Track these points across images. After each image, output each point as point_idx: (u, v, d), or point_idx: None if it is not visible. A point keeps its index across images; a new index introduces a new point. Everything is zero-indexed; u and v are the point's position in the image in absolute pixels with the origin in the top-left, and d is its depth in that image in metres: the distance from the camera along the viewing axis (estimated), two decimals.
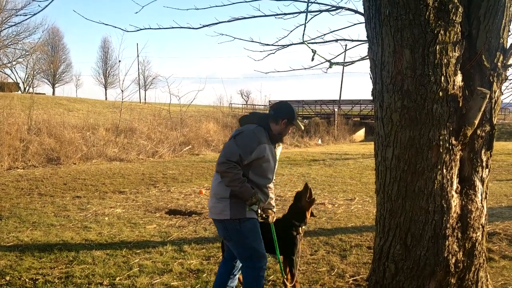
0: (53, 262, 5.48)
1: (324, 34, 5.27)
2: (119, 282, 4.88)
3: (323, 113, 39.87)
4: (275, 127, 3.73)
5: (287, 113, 3.76)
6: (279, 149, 3.98)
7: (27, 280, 4.89)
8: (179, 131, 23.07)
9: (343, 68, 45.05)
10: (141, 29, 4.83)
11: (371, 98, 3.93)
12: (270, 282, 4.95)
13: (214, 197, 3.64)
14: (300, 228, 4.26)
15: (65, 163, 15.30)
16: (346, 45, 5.90)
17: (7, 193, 10.01)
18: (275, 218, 3.87)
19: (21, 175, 12.54)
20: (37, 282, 4.84)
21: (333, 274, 5.27)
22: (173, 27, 4.92)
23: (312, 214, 4.47)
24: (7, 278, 4.93)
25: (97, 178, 12.32)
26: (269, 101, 45.16)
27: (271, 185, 3.91)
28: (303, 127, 3.96)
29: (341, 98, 44.59)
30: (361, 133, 37.22)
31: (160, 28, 4.93)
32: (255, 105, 45.64)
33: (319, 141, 30.93)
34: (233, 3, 5.21)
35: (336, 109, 37.39)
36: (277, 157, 3.87)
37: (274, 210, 3.97)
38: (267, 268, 5.35)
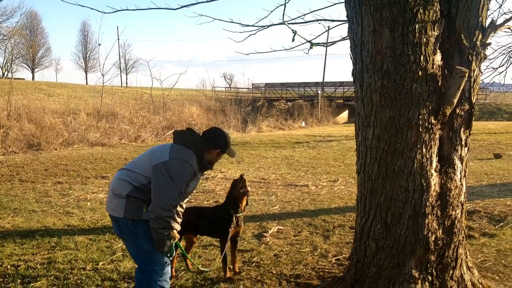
0: (35, 248, 5.44)
1: (305, 14, 5.22)
2: (102, 266, 4.87)
3: (306, 95, 39.91)
4: (207, 156, 3.55)
5: (221, 143, 3.60)
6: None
7: (8, 266, 4.85)
8: (162, 115, 22.93)
9: (326, 49, 45.15)
10: (118, 10, 4.74)
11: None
12: (254, 264, 4.98)
13: (111, 192, 3.45)
14: (234, 216, 4.42)
15: (46, 149, 15.10)
16: (328, 26, 5.87)
17: None
18: (177, 238, 3.58)
19: (1, 162, 12.36)
20: (19, 268, 4.80)
21: (316, 254, 5.32)
22: (150, 8, 4.83)
23: (247, 203, 4.62)
24: None
25: (79, 164, 12.20)
26: (253, 84, 45.03)
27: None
28: (235, 154, 3.78)
29: (325, 80, 44.59)
30: (344, 115, 37.38)
31: (138, 9, 4.84)
32: (239, 88, 45.36)
33: (303, 124, 31.01)
34: None
35: (319, 91, 37.45)
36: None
37: (179, 223, 3.66)
38: (251, 250, 5.39)
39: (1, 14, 43.45)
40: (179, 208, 3.62)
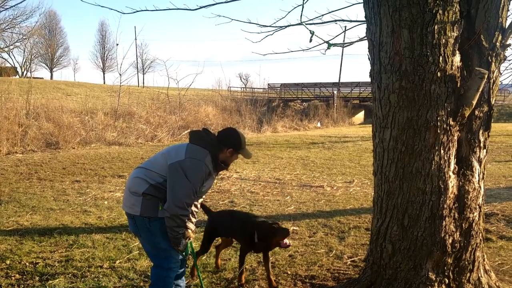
0: (53, 246, 5.51)
1: (322, 15, 5.22)
2: (119, 265, 4.91)
3: (322, 96, 39.67)
4: (221, 155, 3.55)
5: (234, 143, 3.55)
6: None
7: (27, 263, 4.92)
8: (178, 115, 23.05)
9: (343, 49, 44.75)
10: (137, 11, 4.79)
11: (370, 80, 3.91)
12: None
13: (127, 190, 3.48)
14: (255, 242, 4.28)
15: (64, 148, 15.29)
16: (345, 26, 5.84)
17: (6, 178, 10.03)
18: (192, 238, 3.64)
19: (20, 160, 12.55)
20: (37, 265, 4.87)
21: (331, 255, 5.30)
22: (169, 9, 4.88)
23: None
24: (8, 262, 4.96)
25: (96, 163, 12.33)
26: (268, 84, 44.91)
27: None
28: (251, 156, 3.72)
29: (341, 81, 44.30)
30: (360, 115, 37.15)
31: (156, 10, 4.89)
32: (254, 88, 45.30)
33: (318, 124, 30.91)
34: None
35: (335, 92, 37.25)
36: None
37: (193, 222, 3.69)
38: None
39: (21, 14, 43.79)
40: (193, 208, 3.65)
